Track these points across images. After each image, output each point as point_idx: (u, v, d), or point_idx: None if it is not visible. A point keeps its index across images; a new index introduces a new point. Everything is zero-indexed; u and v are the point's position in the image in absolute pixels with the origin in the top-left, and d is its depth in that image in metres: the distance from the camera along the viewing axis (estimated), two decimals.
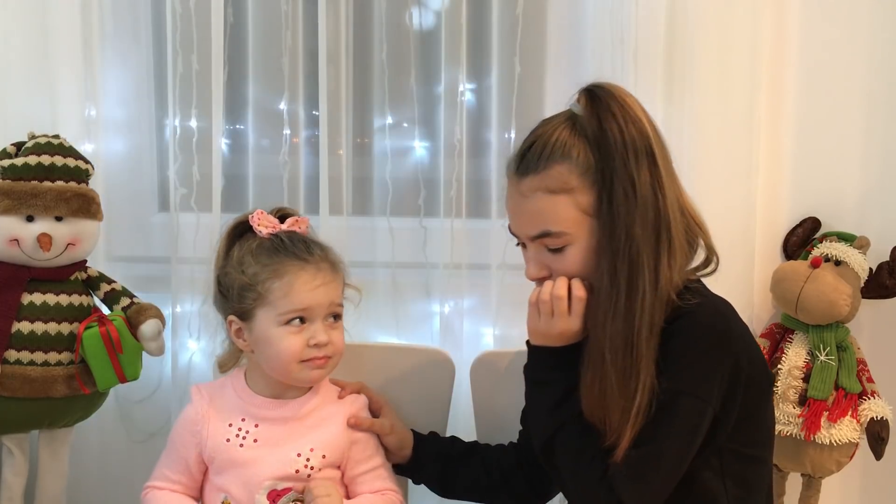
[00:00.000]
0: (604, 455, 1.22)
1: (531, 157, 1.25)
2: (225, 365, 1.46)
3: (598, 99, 1.24)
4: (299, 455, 1.36)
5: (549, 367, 1.29)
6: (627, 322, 1.19)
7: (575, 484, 1.27)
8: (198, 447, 1.38)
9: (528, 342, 1.33)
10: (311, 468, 1.36)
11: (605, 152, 1.21)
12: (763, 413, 1.32)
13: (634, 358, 1.19)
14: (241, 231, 1.40)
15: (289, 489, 1.34)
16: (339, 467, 1.41)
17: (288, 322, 1.32)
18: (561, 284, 1.25)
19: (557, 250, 1.25)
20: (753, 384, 1.26)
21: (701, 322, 1.23)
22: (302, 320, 1.33)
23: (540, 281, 1.29)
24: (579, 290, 1.25)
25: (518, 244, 1.33)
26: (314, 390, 1.42)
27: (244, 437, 1.36)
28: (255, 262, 1.34)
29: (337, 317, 1.38)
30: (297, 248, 1.35)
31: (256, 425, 1.37)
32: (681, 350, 1.21)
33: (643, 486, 1.21)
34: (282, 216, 1.42)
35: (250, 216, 1.39)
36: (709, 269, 1.31)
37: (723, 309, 1.28)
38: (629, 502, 1.20)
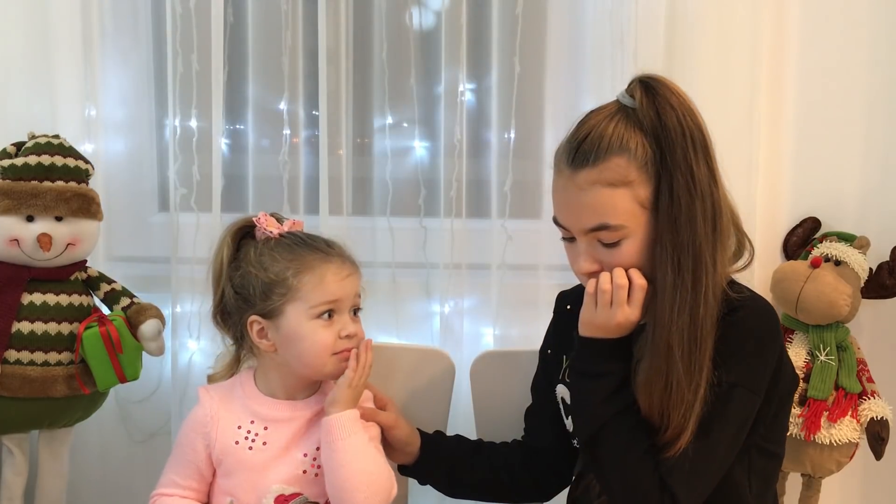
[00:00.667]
0: (655, 450, 1.22)
1: (587, 150, 1.21)
2: (216, 377, 1.44)
3: (655, 90, 1.22)
4: (305, 455, 1.34)
5: (603, 359, 1.27)
6: (693, 316, 1.19)
7: (621, 477, 1.24)
8: (207, 449, 1.36)
9: (578, 334, 1.30)
10: (319, 468, 1.33)
11: (666, 144, 1.20)
12: (788, 409, 1.35)
13: (700, 351, 1.19)
14: (243, 234, 1.39)
15: (297, 494, 1.33)
16: None
17: (319, 315, 1.32)
18: (620, 273, 1.23)
19: (612, 244, 1.22)
20: (786, 380, 1.29)
21: (757, 315, 1.25)
22: (330, 314, 1.33)
23: (590, 275, 1.26)
24: (640, 279, 1.23)
25: (564, 238, 1.29)
26: (322, 390, 1.40)
27: (253, 440, 1.34)
28: (280, 259, 1.33)
29: (358, 310, 1.38)
30: (316, 242, 1.36)
31: (266, 427, 1.35)
32: (739, 343, 1.22)
33: (698, 480, 1.21)
34: (277, 220, 1.41)
35: (255, 219, 1.38)
36: (742, 263, 1.32)
37: (768, 303, 1.30)
38: (683, 496, 1.20)
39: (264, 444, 1.34)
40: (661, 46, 1.86)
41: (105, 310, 1.83)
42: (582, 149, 1.21)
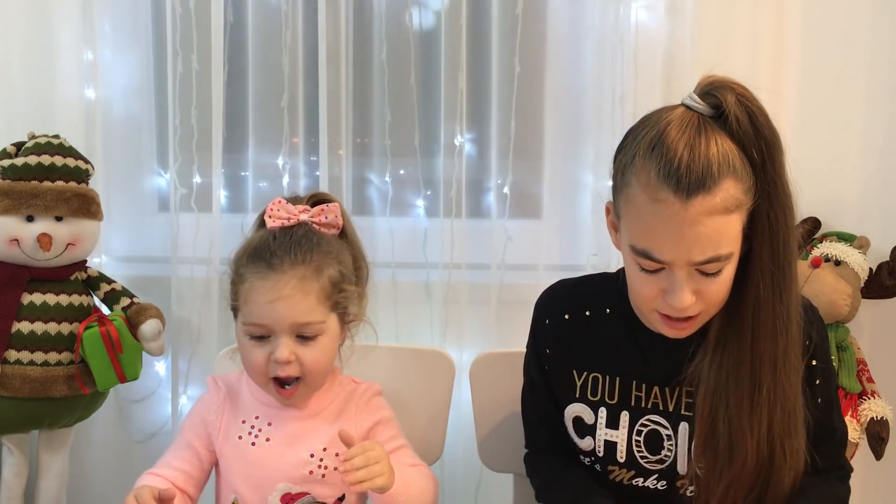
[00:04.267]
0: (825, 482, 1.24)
1: (699, 174, 1.05)
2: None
3: (747, 99, 1.09)
4: (312, 456, 1.29)
5: None
6: (792, 337, 1.15)
7: None
8: (209, 437, 1.32)
9: None
10: (325, 468, 1.29)
11: (768, 159, 1.09)
12: None
13: (795, 368, 1.17)
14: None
15: (304, 493, 1.29)
16: None
17: (250, 334, 1.24)
18: None
19: (714, 273, 1.10)
20: None
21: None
22: (263, 336, 1.24)
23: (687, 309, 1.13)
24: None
25: (646, 270, 1.13)
26: (326, 386, 1.34)
27: (256, 436, 1.31)
28: (238, 259, 1.27)
29: (307, 337, 1.25)
30: (272, 253, 1.23)
31: (269, 423, 1.31)
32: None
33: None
34: (315, 202, 1.32)
35: (270, 204, 1.30)
36: None
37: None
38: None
39: (267, 440, 1.30)
40: (660, 47, 1.86)
41: (105, 310, 1.83)
42: (693, 172, 1.05)
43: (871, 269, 1.87)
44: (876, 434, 1.75)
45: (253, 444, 1.30)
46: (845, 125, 1.94)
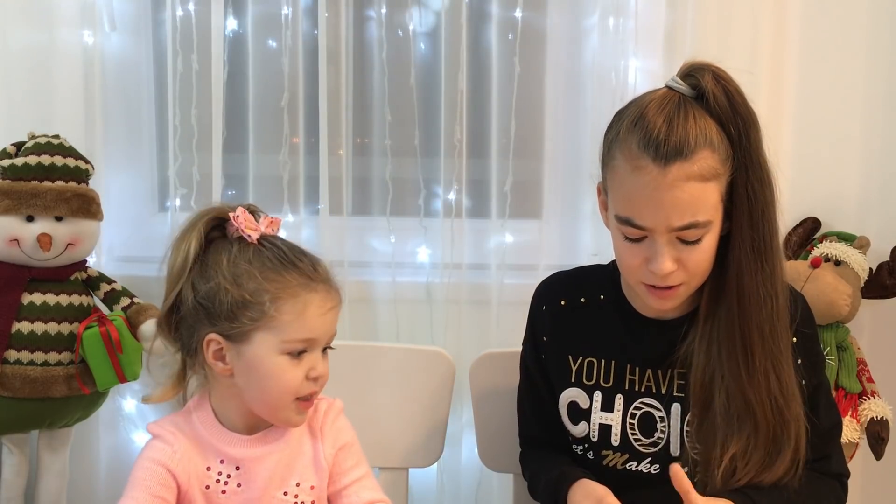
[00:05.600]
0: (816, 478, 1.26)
1: (676, 143, 1.12)
2: (152, 398, 1.23)
3: (722, 77, 1.16)
4: (286, 494, 1.18)
5: None
6: (775, 304, 1.19)
7: None
8: (178, 488, 1.16)
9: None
10: (303, 503, 1.19)
11: (744, 134, 1.15)
12: None
13: (784, 342, 1.20)
14: (215, 226, 1.18)
15: None
16: None
17: (290, 352, 1.13)
18: None
19: (694, 241, 1.16)
20: None
21: (804, 299, 1.30)
22: (302, 351, 1.14)
23: (668, 276, 1.18)
24: None
25: (630, 238, 1.19)
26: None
27: (226, 483, 1.17)
28: (257, 277, 1.12)
29: (329, 348, 1.19)
30: (302, 262, 1.16)
31: (237, 468, 1.17)
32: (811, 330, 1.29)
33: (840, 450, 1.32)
34: (252, 213, 1.19)
35: (231, 214, 1.16)
36: None
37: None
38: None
39: (238, 485, 1.17)
40: (660, 47, 1.86)
41: (105, 310, 1.83)
42: (671, 141, 1.12)
43: (871, 269, 1.87)
44: (876, 434, 1.75)
45: (223, 492, 1.17)
46: (845, 125, 1.94)
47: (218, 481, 1.17)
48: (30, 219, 1.71)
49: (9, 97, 1.90)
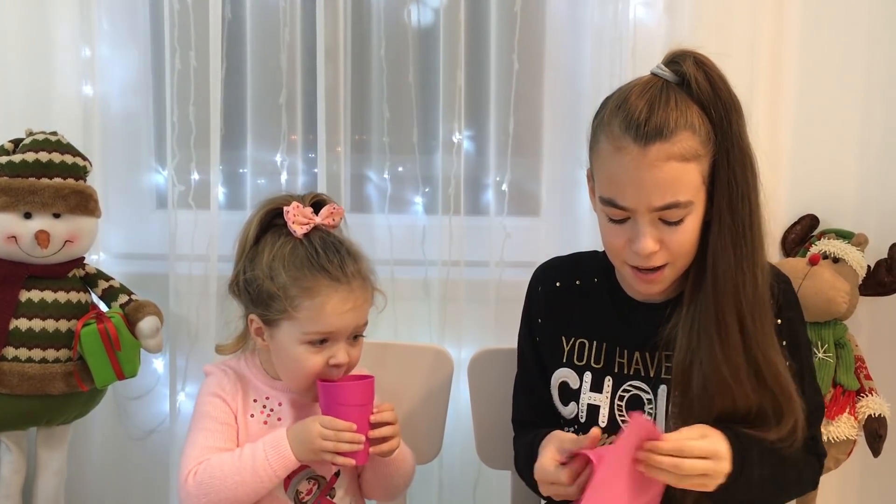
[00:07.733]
0: (796, 450, 1.23)
1: (657, 124, 1.15)
2: (225, 350, 1.41)
3: (704, 63, 1.19)
4: None
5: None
6: (755, 287, 1.20)
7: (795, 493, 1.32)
8: (234, 415, 1.33)
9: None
10: None
11: (726, 118, 1.17)
12: None
13: (768, 323, 1.21)
14: (271, 218, 1.32)
15: (304, 467, 1.32)
16: None
17: (310, 342, 1.28)
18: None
19: (676, 222, 1.18)
20: None
21: (789, 281, 1.31)
22: (324, 340, 1.29)
23: (651, 257, 1.20)
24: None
25: (613, 220, 1.22)
26: None
27: (269, 414, 1.34)
28: (286, 273, 1.27)
29: (359, 335, 1.34)
30: (331, 263, 1.28)
31: (280, 404, 1.34)
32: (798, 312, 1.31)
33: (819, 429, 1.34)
34: (316, 203, 1.34)
35: (285, 209, 1.30)
36: None
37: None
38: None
39: (279, 419, 1.34)
40: (659, 45, 1.86)
41: (103, 307, 1.83)
42: (651, 123, 1.15)
43: (869, 266, 1.87)
44: (873, 431, 1.75)
45: (265, 423, 1.33)
46: (844, 122, 1.94)
47: (262, 412, 1.34)
48: (27, 216, 1.70)
49: (7, 93, 1.89)
